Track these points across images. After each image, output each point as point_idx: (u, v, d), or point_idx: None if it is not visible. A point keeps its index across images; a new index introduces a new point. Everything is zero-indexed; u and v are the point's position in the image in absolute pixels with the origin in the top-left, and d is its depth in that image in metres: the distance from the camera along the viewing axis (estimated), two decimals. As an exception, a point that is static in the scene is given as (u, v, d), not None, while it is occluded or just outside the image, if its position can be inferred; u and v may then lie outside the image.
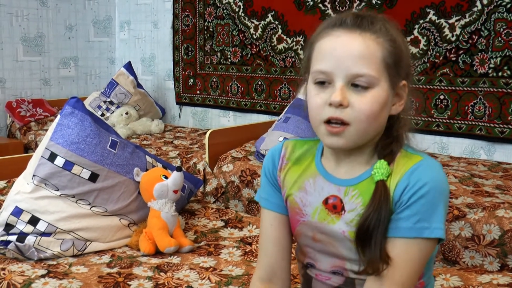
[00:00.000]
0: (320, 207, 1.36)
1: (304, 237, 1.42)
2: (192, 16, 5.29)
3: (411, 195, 1.24)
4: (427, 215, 1.23)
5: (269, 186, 1.48)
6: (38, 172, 2.28)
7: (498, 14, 3.51)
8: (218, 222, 2.63)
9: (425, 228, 1.23)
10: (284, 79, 4.67)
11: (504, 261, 2.41)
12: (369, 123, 1.24)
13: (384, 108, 1.26)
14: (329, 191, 1.35)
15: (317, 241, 1.39)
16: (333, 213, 1.34)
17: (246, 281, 1.99)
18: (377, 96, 1.24)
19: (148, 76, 5.88)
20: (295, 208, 1.41)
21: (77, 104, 2.40)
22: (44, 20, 5.57)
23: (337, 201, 1.34)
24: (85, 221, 2.29)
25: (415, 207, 1.23)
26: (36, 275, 2.02)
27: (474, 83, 3.64)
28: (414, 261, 1.26)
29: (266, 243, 1.47)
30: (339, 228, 1.32)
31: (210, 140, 3.65)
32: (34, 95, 5.55)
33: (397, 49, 1.26)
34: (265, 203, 1.48)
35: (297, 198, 1.41)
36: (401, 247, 1.25)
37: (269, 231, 1.47)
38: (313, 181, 1.39)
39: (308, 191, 1.39)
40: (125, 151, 2.46)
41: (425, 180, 1.23)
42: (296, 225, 1.43)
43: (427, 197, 1.23)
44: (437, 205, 1.24)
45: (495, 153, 3.66)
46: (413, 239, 1.24)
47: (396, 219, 1.25)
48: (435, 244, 1.28)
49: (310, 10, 4.41)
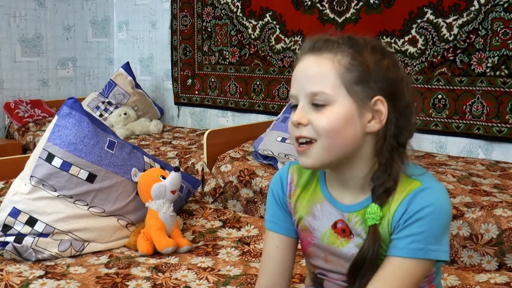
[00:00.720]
0: (329, 231, 1.39)
1: (316, 257, 1.45)
2: (190, 16, 5.29)
3: (407, 218, 1.27)
4: (423, 237, 1.26)
5: (278, 210, 1.51)
6: (35, 173, 2.29)
7: (496, 14, 3.51)
8: (216, 222, 2.64)
9: (419, 249, 1.26)
10: (282, 79, 4.67)
11: (502, 260, 2.41)
12: (332, 139, 1.27)
13: (348, 124, 1.28)
14: (336, 216, 1.38)
15: (329, 261, 1.42)
16: (342, 237, 1.37)
17: (244, 281, 1.99)
18: (335, 112, 1.27)
19: (146, 76, 5.88)
20: (306, 231, 1.45)
21: (75, 105, 2.40)
22: (42, 21, 5.57)
23: (345, 225, 1.37)
24: (83, 222, 2.30)
25: (410, 228, 1.26)
26: (34, 276, 2.02)
27: (472, 82, 3.64)
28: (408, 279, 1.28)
29: (268, 265, 1.50)
30: (348, 250, 1.36)
31: (209, 140, 3.65)
32: (32, 96, 5.55)
33: (360, 65, 1.28)
34: (272, 226, 1.51)
35: (306, 222, 1.44)
36: (396, 264, 1.28)
37: (273, 253, 1.49)
38: (320, 207, 1.42)
39: (316, 216, 1.42)
40: (123, 151, 2.46)
41: (423, 204, 1.26)
42: (308, 246, 1.46)
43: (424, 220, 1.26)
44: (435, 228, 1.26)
45: (493, 152, 3.66)
46: (408, 259, 1.27)
47: (394, 238, 1.29)
48: (431, 264, 1.30)
49: (308, 10, 4.41)
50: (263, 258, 1.51)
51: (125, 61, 5.57)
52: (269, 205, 1.53)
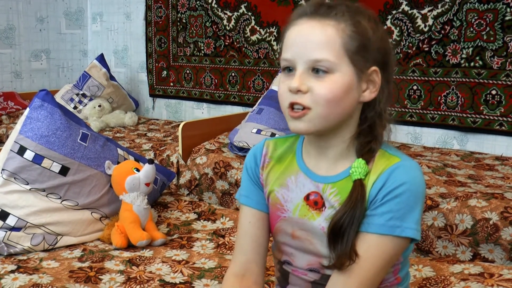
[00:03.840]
0: (301, 203, 1.39)
1: (283, 234, 1.44)
2: (165, 8, 5.28)
3: (386, 194, 1.27)
4: (400, 214, 1.26)
5: (251, 183, 1.50)
6: (7, 166, 2.27)
7: (470, 5, 3.54)
8: (191, 214, 2.64)
9: (397, 227, 1.26)
10: (257, 70, 4.68)
11: (476, 250, 2.45)
12: (330, 108, 1.26)
13: (347, 93, 1.27)
14: (310, 188, 1.38)
15: (296, 238, 1.41)
16: (314, 209, 1.36)
17: (218, 274, 2.00)
18: (337, 81, 1.26)
19: (121, 68, 5.87)
20: (277, 204, 1.44)
21: (47, 97, 2.39)
22: (14, 12, 5.52)
23: (318, 197, 1.36)
24: (56, 215, 2.29)
25: (389, 205, 1.26)
26: (5, 271, 2.01)
27: (447, 73, 3.67)
28: (382, 257, 1.29)
29: (243, 240, 1.49)
30: (318, 224, 1.35)
31: (184, 132, 3.66)
32: (5, 88, 5.51)
33: (361, 35, 1.27)
34: (245, 200, 1.50)
35: (278, 194, 1.43)
36: (372, 242, 1.28)
37: (247, 228, 1.49)
38: (294, 178, 1.41)
39: (290, 187, 1.42)
40: (96, 144, 2.46)
41: (402, 180, 1.26)
42: (276, 221, 1.45)
43: (402, 197, 1.26)
44: (411, 206, 1.26)
45: (468, 143, 3.70)
46: (384, 236, 1.27)
47: (370, 215, 1.28)
48: (406, 243, 1.30)
49: (283, 1, 4.42)
50: (238, 234, 1.52)
51: (99, 53, 5.56)
52: (243, 180, 1.53)
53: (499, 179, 2.92)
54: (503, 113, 3.49)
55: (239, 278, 1.47)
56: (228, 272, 1.50)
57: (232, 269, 1.50)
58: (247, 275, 1.47)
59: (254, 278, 1.48)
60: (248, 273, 1.47)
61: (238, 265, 1.49)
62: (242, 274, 1.47)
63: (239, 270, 1.48)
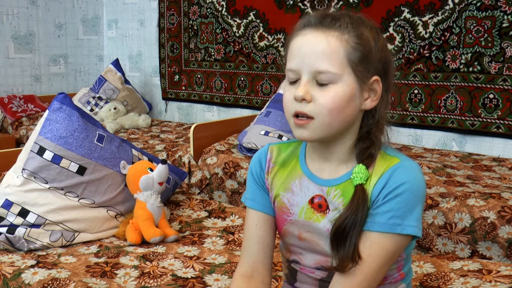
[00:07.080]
0: (306, 206, 1.39)
1: (291, 236, 1.44)
2: (177, 15, 5.32)
3: (387, 193, 1.28)
4: (400, 212, 1.27)
5: (256, 187, 1.50)
6: (27, 166, 2.29)
7: (469, 12, 3.58)
8: (202, 212, 2.65)
9: (398, 225, 1.27)
10: (265, 75, 4.71)
11: (474, 248, 2.48)
12: (333, 117, 1.27)
13: (349, 103, 1.28)
14: (314, 191, 1.38)
15: (303, 239, 1.42)
16: (318, 212, 1.37)
17: (228, 269, 2.02)
18: (339, 91, 1.26)
19: (135, 72, 5.91)
20: (283, 207, 1.44)
21: (65, 100, 2.39)
22: (34, 19, 5.57)
23: (322, 200, 1.37)
24: (73, 213, 2.30)
25: (390, 204, 1.27)
26: (25, 266, 2.03)
27: (446, 78, 3.71)
28: (384, 254, 1.29)
29: (250, 242, 1.49)
30: (323, 226, 1.36)
31: (195, 134, 3.67)
32: (25, 91, 5.56)
33: (364, 46, 1.28)
34: (251, 203, 1.50)
35: (284, 198, 1.43)
36: (374, 240, 1.29)
37: (253, 230, 1.49)
38: (298, 182, 1.42)
39: (294, 191, 1.42)
40: (112, 145, 2.45)
41: (402, 180, 1.27)
42: (283, 224, 1.45)
43: (402, 196, 1.27)
44: (412, 204, 1.27)
45: (466, 144, 3.72)
46: (386, 234, 1.28)
47: (372, 214, 1.29)
48: (407, 240, 1.32)
49: (290, 9, 4.46)
50: (244, 236, 1.51)
51: (114, 58, 5.57)
52: (248, 184, 1.53)
53: (496, 180, 2.94)
54: (500, 116, 3.52)
55: (247, 278, 1.47)
56: (236, 273, 1.50)
57: (240, 270, 1.50)
58: (254, 275, 1.48)
59: (261, 278, 1.48)
60: (255, 273, 1.48)
61: (245, 266, 1.49)
62: (249, 275, 1.48)
63: (247, 271, 1.48)
